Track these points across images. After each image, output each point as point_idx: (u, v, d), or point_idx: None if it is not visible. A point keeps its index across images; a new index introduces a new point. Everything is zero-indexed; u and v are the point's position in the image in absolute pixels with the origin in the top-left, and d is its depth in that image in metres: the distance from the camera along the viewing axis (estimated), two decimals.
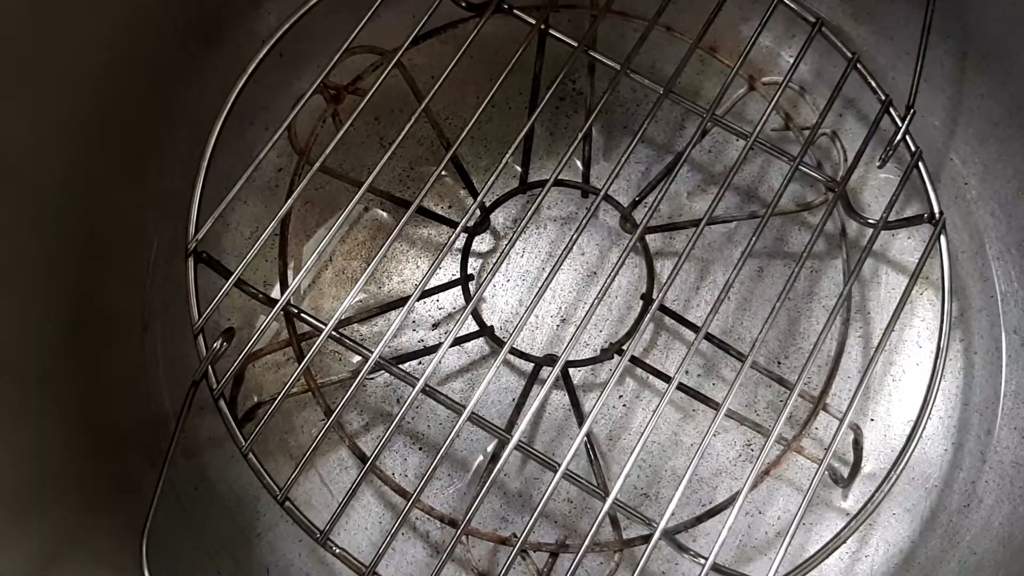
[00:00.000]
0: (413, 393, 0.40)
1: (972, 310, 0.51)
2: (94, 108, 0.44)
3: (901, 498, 0.49)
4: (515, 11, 0.46)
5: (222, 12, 0.49)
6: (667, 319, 0.50)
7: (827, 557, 0.41)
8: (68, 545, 0.41)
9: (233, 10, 0.49)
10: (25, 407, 0.41)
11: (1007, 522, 0.46)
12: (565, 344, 0.40)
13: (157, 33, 0.46)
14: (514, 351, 0.49)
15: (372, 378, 0.50)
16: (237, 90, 0.44)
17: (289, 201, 0.44)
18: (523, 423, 0.40)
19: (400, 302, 0.50)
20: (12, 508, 0.38)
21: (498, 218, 0.52)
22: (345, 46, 0.42)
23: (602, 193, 0.43)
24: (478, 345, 0.51)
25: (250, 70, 0.44)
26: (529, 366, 0.50)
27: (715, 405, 0.41)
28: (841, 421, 0.41)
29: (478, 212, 0.50)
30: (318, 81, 0.44)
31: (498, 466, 0.39)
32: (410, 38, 0.44)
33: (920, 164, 0.46)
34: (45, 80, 0.41)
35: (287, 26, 0.45)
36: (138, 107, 0.46)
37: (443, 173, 0.43)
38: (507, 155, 0.43)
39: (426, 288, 0.43)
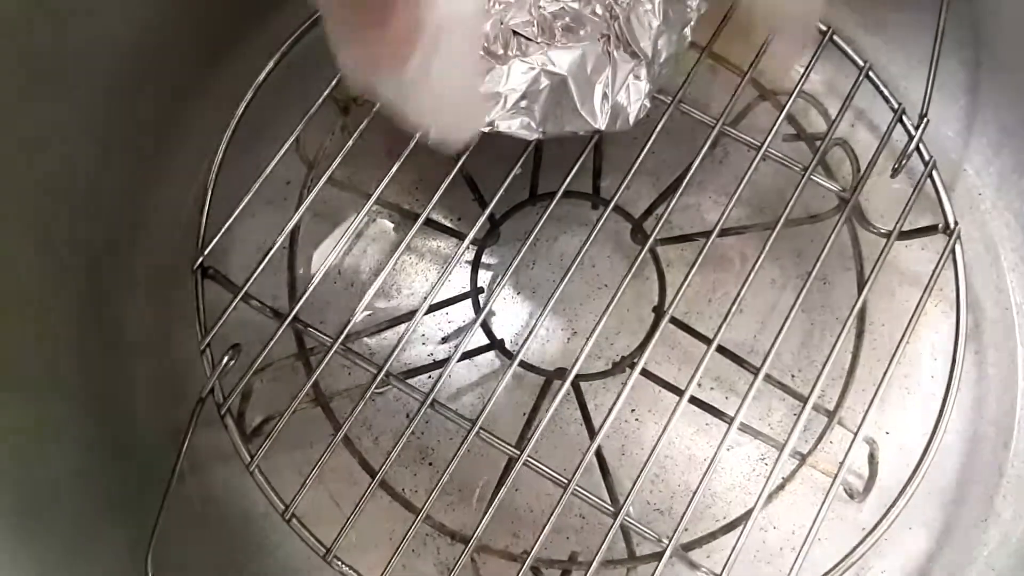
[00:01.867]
0: (421, 408, 0.40)
1: (987, 321, 0.50)
2: (103, 118, 0.44)
3: (917, 512, 0.48)
4: None
5: (230, 25, 0.49)
6: (679, 331, 0.50)
7: (843, 574, 0.41)
8: (72, 560, 0.41)
9: (241, 23, 0.49)
10: (33, 421, 0.41)
11: None
12: (575, 357, 0.40)
13: (166, 47, 0.46)
14: (524, 364, 0.49)
15: (381, 392, 0.50)
16: (245, 103, 0.44)
17: (297, 214, 0.44)
18: (533, 438, 0.39)
19: (409, 315, 0.49)
20: (18, 521, 0.38)
21: (508, 230, 0.52)
22: None
23: (611, 204, 0.43)
24: (488, 359, 0.51)
25: (257, 82, 0.44)
26: (540, 379, 0.49)
27: (728, 418, 0.41)
28: (855, 435, 0.40)
29: (487, 224, 0.50)
30: (326, 93, 0.44)
31: (508, 482, 0.38)
32: None
33: (934, 173, 0.45)
34: (55, 92, 0.41)
35: (293, 37, 0.45)
36: (147, 119, 0.47)
37: (453, 184, 0.43)
38: (516, 166, 0.43)
39: (435, 301, 0.42)
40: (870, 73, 0.46)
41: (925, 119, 0.45)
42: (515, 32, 0.37)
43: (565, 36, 0.37)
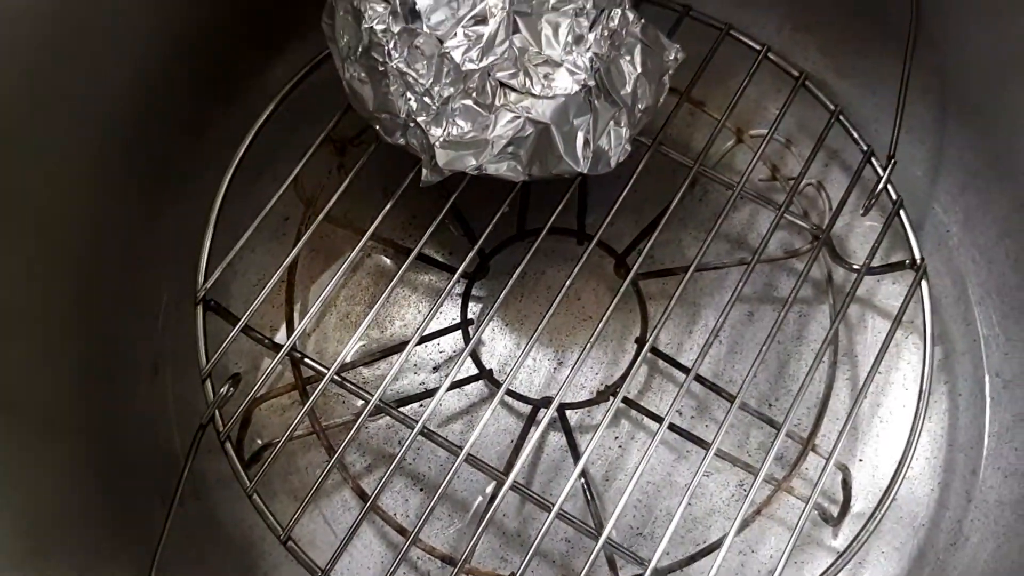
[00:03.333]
0: (412, 435, 0.41)
1: (956, 353, 0.52)
2: (111, 159, 0.46)
3: (889, 537, 0.50)
4: None
5: (234, 69, 0.51)
6: (661, 362, 0.52)
7: None
8: None
9: (244, 67, 0.51)
10: (37, 448, 0.42)
11: (992, 560, 0.47)
12: (561, 386, 0.42)
13: (173, 89, 0.48)
14: (511, 393, 0.51)
15: (374, 420, 0.52)
16: (246, 144, 0.46)
17: (295, 249, 0.46)
18: (519, 464, 0.41)
19: (401, 346, 0.51)
20: (23, 546, 0.39)
21: (497, 264, 0.54)
22: (349, 102, 0.44)
23: (594, 239, 0.45)
24: (478, 388, 0.53)
25: (258, 125, 0.47)
26: (527, 408, 0.51)
27: (706, 445, 0.43)
28: (827, 461, 0.42)
29: (477, 258, 0.52)
30: (323, 135, 0.46)
31: (495, 506, 0.40)
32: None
33: (902, 211, 0.48)
34: (63, 131, 0.43)
35: (293, 82, 0.47)
36: (153, 157, 0.48)
37: (444, 221, 0.45)
38: (504, 204, 0.45)
39: (426, 332, 0.44)
40: (840, 116, 0.49)
41: (893, 160, 0.48)
42: (502, 83, 0.39)
43: (549, 87, 0.39)
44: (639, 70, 0.41)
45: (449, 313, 0.53)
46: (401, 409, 0.44)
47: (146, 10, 0.44)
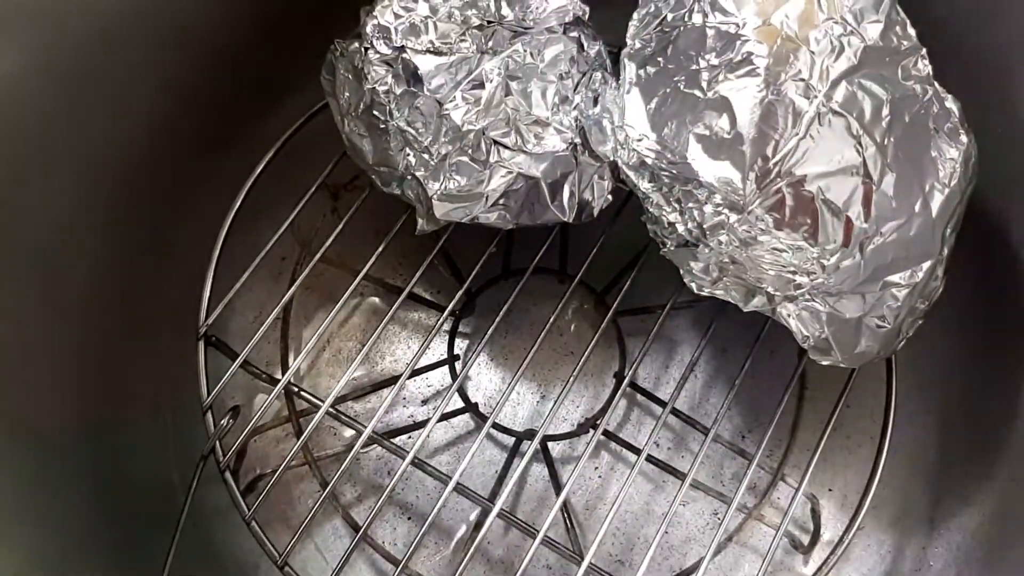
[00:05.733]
0: (403, 465, 0.43)
1: (921, 384, 0.54)
2: (119, 206, 0.48)
3: (858, 563, 0.52)
4: None
5: (234, 120, 0.53)
6: (640, 396, 0.54)
7: None
8: None
9: (243, 119, 0.53)
10: (51, 475, 0.44)
11: None
12: (544, 419, 0.44)
13: (177, 140, 0.50)
14: (496, 426, 0.53)
15: (365, 452, 0.54)
16: (245, 190, 0.49)
17: (291, 288, 0.48)
18: (504, 493, 0.43)
19: (392, 380, 0.53)
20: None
21: (483, 302, 0.56)
22: (345, 151, 0.47)
23: (576, 279, 0.47)
24: (464, 420, 0.55)
25: (256, 172, 0.49)
26: (512, 440, 0.53)
27: (682, 476, 0.45)
28: (796, 490, 0.45)
29: (464, 297, 0.54)
30: (319, 180, 0.49)
31: (481, 533, 0.42)
32: None
33: None
34: (73, 181, 0.45)
35: (290, 132, 0.50)
36: (158, 204, 0.50)
37: (433, 262, 0.47)
38: (491, 245, 0.47)
39: (416, 367, 0.47)
40: None
41: None
42: (496, 141, 0.42)
43: (539, 144, 0.42)
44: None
45: (437, 349, 0.56)
46: (392, 440, 0.46)
47: (153, 68, 0.46)
